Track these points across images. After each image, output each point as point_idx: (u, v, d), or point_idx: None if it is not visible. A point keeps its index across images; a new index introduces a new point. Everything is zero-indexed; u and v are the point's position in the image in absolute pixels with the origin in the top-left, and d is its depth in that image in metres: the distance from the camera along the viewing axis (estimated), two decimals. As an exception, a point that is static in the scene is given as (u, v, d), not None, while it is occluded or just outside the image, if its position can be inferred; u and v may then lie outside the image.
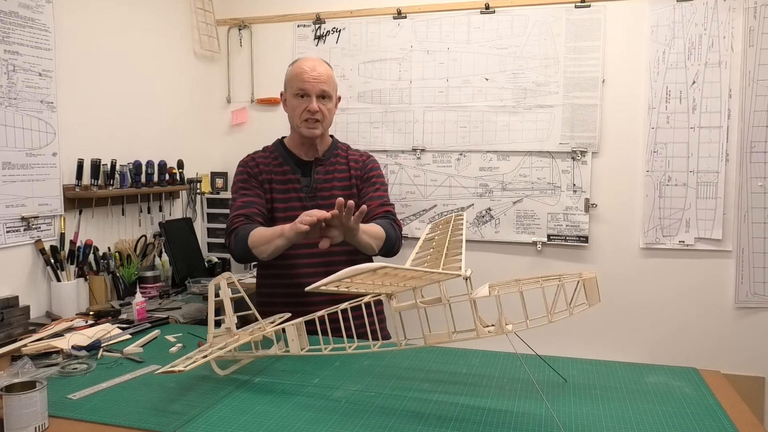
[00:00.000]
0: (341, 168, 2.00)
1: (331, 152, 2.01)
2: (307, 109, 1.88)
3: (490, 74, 2.80)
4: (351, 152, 2.06)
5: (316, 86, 1.87)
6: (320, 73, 1.89)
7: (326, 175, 1.97)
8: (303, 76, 1.88)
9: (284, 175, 1.95)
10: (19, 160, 2.07)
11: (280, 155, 1.98)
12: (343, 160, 2.02)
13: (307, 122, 1.89)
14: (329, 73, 1.93)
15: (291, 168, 1.96)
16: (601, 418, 1.18)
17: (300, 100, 1.88)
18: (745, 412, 1.21)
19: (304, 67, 1.89)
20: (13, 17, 2.04)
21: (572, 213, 2.74)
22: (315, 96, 1.88)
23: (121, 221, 2.55)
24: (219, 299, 1.43)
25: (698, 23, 2.55)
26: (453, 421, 1.17)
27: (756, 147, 2.52)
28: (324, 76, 1.90)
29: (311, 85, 1.87)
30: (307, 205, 1.88)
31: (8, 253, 2.04)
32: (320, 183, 1.95)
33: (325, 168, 1.97)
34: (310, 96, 1.88)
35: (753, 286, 2.55)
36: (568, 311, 1.11)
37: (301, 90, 1.87)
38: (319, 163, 1.97)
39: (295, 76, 1.89)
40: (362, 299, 1.34)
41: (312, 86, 1.87)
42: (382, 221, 1.94)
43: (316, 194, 1.93)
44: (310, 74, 1.88)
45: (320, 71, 1.90)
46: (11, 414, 1.12)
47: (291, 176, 1.95)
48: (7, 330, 1.84)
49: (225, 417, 1.20)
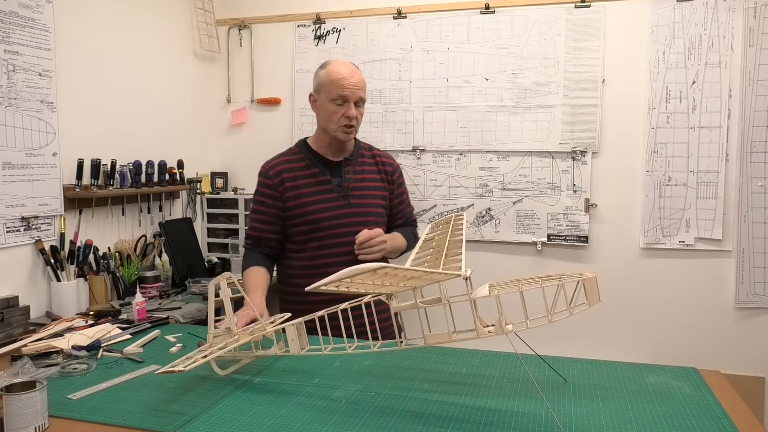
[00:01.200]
0: (370, 168, 2.07)
1: (357, 152, 2.07)
2: (345, 116, 1.92)
3: (490, 74, 2.80)
4: (376, 152, 2.13)
5: (355, 93, 1.92)
6: (359, 80, 1.95)
7: (356, 174, 2.02)
8: (343, 83, 1.91)
9: (314, 177, 1.98)
10: (19, 160, 2.07)
11: (307, 157, 2.01)
12: (371, 161, 2.08)
13: (344, 128, 1.94)
14: (363, 79, 2.00)
15: (320, 169, 1.99)
16: (601, 418, 1.18)
17: (338, 106, 1.92)
18: (745, 412, 1.21)
19: (342, 73, 1.92)
20: (13, 17, 2.04)
21: (572, 213, 2.74)
22: (353, 102, 1.93)
23: (121, 221, 2.55)
24: (219, 299, 1.43)
25: (698, 23, 2.55)
26: (453, 421, 1.17)
27: (756, 147, 2.52)
28: (361, 83, 1.96)
29: (351, 92, 1.91)
30: (342, 204, 1.96)
31: (8, 253, 2.04)
32: (352, 182, 2.00)
33: (353, 168, 2.02)
34: (349, 103, 1.92)
35: (753, 286, 2.55)
36: (568, 311, 1.11)
37: (341, 97, 1.91)
38: (348, 163, 2.02)
39: (334, 82, 1.92)
40: (362, 299, 1.34)
41: (352, 93, 1.92)
42: (406, 229, 2.12)
43: (348, 193, 1.98)
44: (350, 81, 1.92)
45: (358, 78, 1.96)
46: (11, 414, 1.12)
47: (321, 178, 1.98)
48: (7, 330, 1.84)
49: (225, 417, 1.20)
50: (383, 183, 2.07)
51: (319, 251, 1.95)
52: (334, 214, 1.95)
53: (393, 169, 2.12)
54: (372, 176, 2.06)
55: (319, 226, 1.94)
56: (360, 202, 1.99)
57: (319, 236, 1.95)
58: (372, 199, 2.02)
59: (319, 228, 1.94)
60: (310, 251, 1.96)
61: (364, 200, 2.00)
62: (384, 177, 2.08)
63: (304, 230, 1.96)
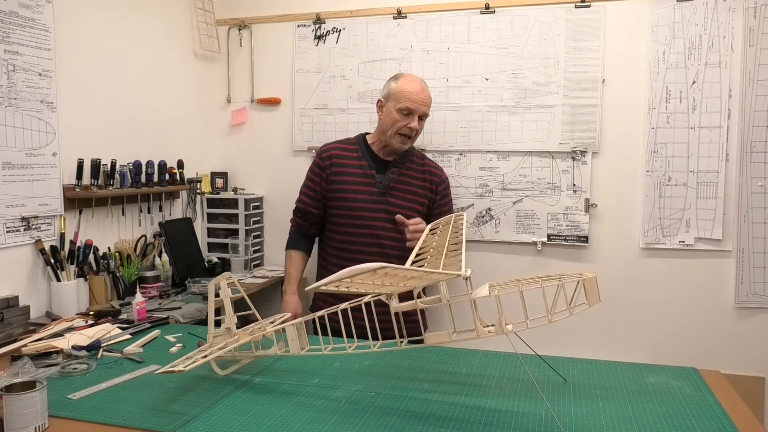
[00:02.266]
0: (416, 174, 2.24)
1: (407, 157, 2.25)
2: (408, 126, 2.12)
3: (490, 74, 2.80)
4: (428, 162, 2.32)
5: (421, 108, 2.14)
6: (427, 97, 2.16)
7: (400, 176, 2.20)
8: (413, 96, 2.12)
9: (362, 169, 2.19)
10: (19, 160, 2.07)
11: (361, 150, 2.23)
12: (419, 167, 2.26)
13: (401, 137, 2.14)
14: (431, 96, 2.20)
15: (368, 164, 2.20)
16: (601, 418, 1.18)
17: (403, 116, 2.12)
18: (745, 412, 1.21)
19: (414, 87, 2.14)
20: (13, 17, 2.04)
21: (572, 213, 2.74)
22: (418, 116, 2.13)
23: (121, 221, 2.55)
24: (219, 299, 1.43)
25: (698, 23, 2.55)
26: (453, 421, 1.17)
27: (756, 147, 2.52)
28: (428, 99, 2.17)
29: (418, 107, 2.13)
30: (379, 200, 2.15)
31: (8, 253, 2.04)
32: (394, 182, 2.19)
33: (399, 170, 2.21)
34: (413, 115, 2.13)
35: (753, 286, 2.55)
36: (568, 311, 1.11)
37: (409, 109, 2.11)
38: (396, 164, 2.21)
39: (404, 94, 2.12)
40: (362, 299, 1.34)
41: (418, 108, 2.13)
42: None
43: (387, 191, 2.17)
44: (420, 96, 2.13)
45: (427, 95, 2.17)
46: (11, 414, 1.12)
47: (368, 171, 2.19)
48: (7, 330, 1.84)
49: (225, 417, 1.21)
50: (425, 191, 2.24)
51: (350, 237, 2.15)
52: (368, 206, 2.14)
53: (440, 180, 2.29)
54: (416, 181, 2.23)
55: (351, 213, 2.14)
56: (396, 202, 2.16)
57: (349, 223, 2.15)
58: (409, 202, 2.18)
59: (351, 216, 2.14)
60: (342, 235, 2.17)
61: (402, 201, 2.17)
62: (428, 186, 2.25)
63: (339, 214, 2.17)
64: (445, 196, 2.34)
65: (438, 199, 2.29)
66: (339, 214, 2.18)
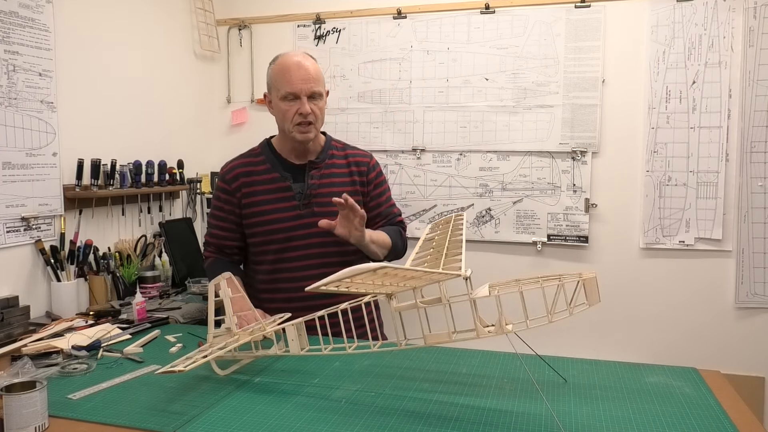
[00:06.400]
0: (340, 171, 1.87)
1: (325, 153, 1.88)
2: (299, 113, 1.75)
3: (490, 74, 2.80)
4: (350, 151, 1.94)
5: (305, 87, 1.74)
6: (308, 72, 1.75)
7: (322, 179, 1.84)
8: (289, 76, 1.74)
9: (273, 183, 1.82)
10: (19, 160, 2.07)
11: (268, 160, 1.86)
12: (342, 161, 1.89)
13: (300, 126, 1.77)
14: (316, 68, 1.79)
15: (280, 174, 1.83)
16: (601, 418, 1.18)
17: (289, 104, 1.76)
18: (745, 412, 1.21)
19: (289, 65, 1.76)
20: (13, 17, 2.04)
21: (572, 213, 2.74)
22: (306, 97, 1.75)
23: (121, 221, 2.55)
24: (219, 299, 1.43)
25: (698, 23, 2.55)
26: (453, 421, 1.17)
27: (756, 147, 2.52)
28: (312, 73, 1.76)
29: (300, 87, 1.74)
30: (302, 213, 1.80)
31: (8, 253, 2.04)
32: (316, 189, 1.82)
33: (320, 172, 1.84)
34: (300, 99, 1.75)
35: (753, 286, 2.55)
36: (568, 311, 1.11)
37: (290, 93, 1.75)
38: (314, 166, 1.85)
39: (281, 77, 1.76)
40: (362, 299, 1.34)
41: (301, 88, 1.74)
42: (390, 228, 1.91)
43: (311, 201, 1.81)
44: (298, 74, 1.74)
45: (307, 69, 1.75)
46: (11, 414, 1.12)
47: (281, 184, 1.82)
48: (7, 330, 1.84)
49: (225, 417, 1.20)
50: (355, 187, 1.87)
51: (277, 264, 1.81)
52: (292, 224, 1.79)
53: (368, 168, 1.91)
54: (342, 179, 1.86)
55: (274, 238, 1.80)
56: (324, 210, 1.78)
57: (274, 248, 1.81)
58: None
59: (275, 240, 1.80)
60: (267, 264, 1.83)
61: (330, 208, 1.72)
62: (357, 179, 1.89)
63: (261, 241, 1.82)
64: (379, 185, 1.93)
65: (371, 191, 1.91)
66: (260, 242, 1.83)
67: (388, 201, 1.98)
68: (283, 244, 1.81)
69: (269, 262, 1.83)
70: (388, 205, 1.97)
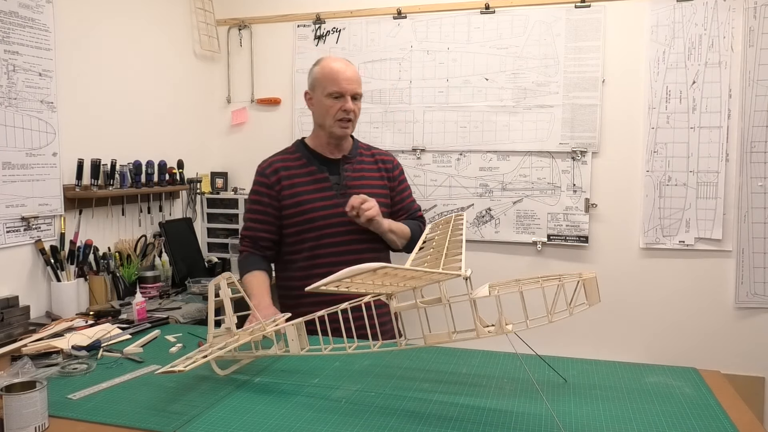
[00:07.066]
0: (369, 167, 2.06)
1: (355, 150, 2.07)
2: (342, 109, 1.93)
3: (490, 74, 2.80)
4: (375, 151, 2.13)
5: (350, 87, 1.94)
6: (353, 74, 1.97)
7: (355, 172, 2.02)
8: (338, 77, 1.93)
9: (311, 174, 1.98)
10: (19, 160, 2.07)
11: (304, 156, 2.02)
12: (369, 159, 2.08)
13: (341, 122, 1.95)
14: (358, 73, 2.01)
15: (318, 167, 1.99)
16: (601, 418, 1.18)
17: (335, 101, 1.94)
18: (745, 412, 1.21)
19: (336, 68, 1.95)
20: (13, 17, 2.04)
21: (572, 213, 2.74)
22: (350, 97, 1.94)
23: (121, 221, 2.55)
24: (219, 299, 1.43)
25: (698, 23, 2.55)
26: (453, 421, 1.17)
27: (756, 147, 2.52)
28: (356, 77, 1.97)
29: (346, 87, 1.93)
30: (340, 202, 1.93)
31: (8, 253, 2.04)
32: (351, 180, 2.00)
33: (352, 166, 2.02)
34: (345, 97, 1.93)
35: (753, 286, 2.55)
36: (568, 311, 1.11)
37: (337, 91, 1.92)
38: (347, 161, 2.02)
39: (329, 77, 1.94)
40: (362, 299, 1.34)
41: (346, 88, 1.93)
42: (411, 222, 2.09)
43: (347, 191, 1.96)
44: (345, 75, 1.94)
45: (353, 71, 1.97)
46: (11, 414, 1.12)
47: (319, 175, 1.98)
48: (7, 330, 1.84)
49: (225, 417, 1.20)
50: (383, 181, 2.07)
51: (315, 251, 1.93)
52: (331, 212, 1.93)
53: (393, 165, 2.12)
54: (371, 174, 2.05)
55: (313, 226, 1.92)
56: None
57: (313, 236, 1.93)
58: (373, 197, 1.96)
59: (313, 228, 1.92)
60: (306, 252, 1.94)
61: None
62: (384, 174, 2.08)
63: (300, 230, 1.93)
64: (402, 181, 2.14)
65: (396, 186, 2.10)
66: (298, 231, 1.94)
67: (410, 197, 2.16)
68: (321, 231, 1.93)
69: (307, 249, 1.94)
70: (410, 200, 2.15)
